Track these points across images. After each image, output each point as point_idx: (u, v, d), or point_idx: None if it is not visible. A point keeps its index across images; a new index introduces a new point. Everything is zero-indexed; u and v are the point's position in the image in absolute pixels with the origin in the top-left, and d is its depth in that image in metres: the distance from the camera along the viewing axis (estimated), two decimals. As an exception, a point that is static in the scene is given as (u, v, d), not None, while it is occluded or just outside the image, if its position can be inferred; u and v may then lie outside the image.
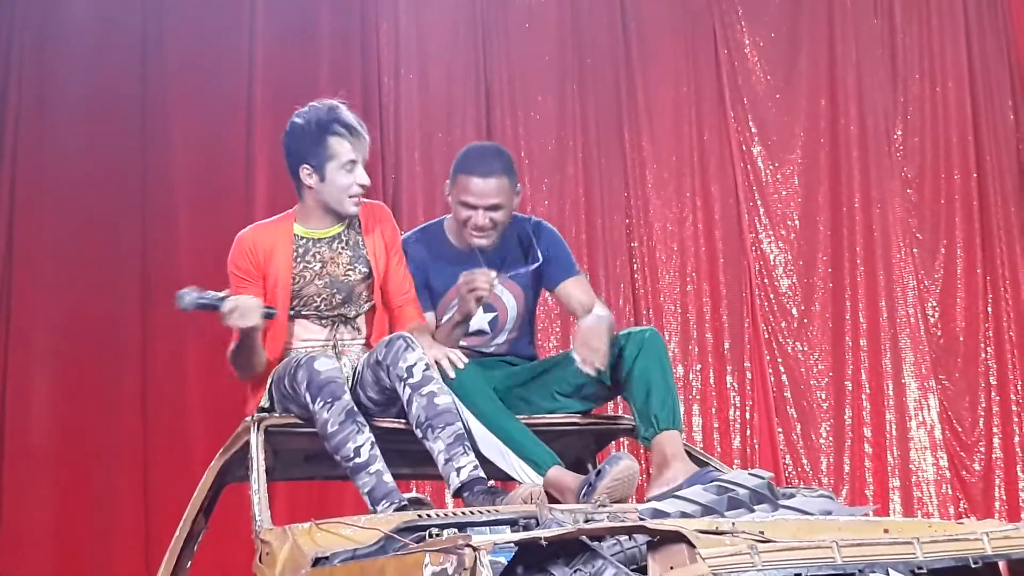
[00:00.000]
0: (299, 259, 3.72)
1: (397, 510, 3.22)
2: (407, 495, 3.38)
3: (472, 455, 3.36)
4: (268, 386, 3.66)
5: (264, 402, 3.68)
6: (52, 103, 6.43)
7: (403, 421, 3.53)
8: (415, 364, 3.42)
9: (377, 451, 3.37)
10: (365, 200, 3.77)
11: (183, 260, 6.41)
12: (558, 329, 6.69)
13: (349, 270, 3.75)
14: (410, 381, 3.41)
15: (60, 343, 6.23)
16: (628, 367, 3.64)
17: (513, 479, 3.57)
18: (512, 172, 3.88)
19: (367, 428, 3.39)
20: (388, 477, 3.35)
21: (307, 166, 3.69)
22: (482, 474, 3.32)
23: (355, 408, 3.40)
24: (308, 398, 3.41)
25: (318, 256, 3.73)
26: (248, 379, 3.73)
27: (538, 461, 3.51)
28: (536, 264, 3.91)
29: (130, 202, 6.43)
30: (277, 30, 6.74)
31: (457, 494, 3.34)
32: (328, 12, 6.85)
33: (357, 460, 3.34)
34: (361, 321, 3.79)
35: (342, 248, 3.76)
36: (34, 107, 6.42)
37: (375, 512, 3.28)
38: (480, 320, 3.92)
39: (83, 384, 6.21)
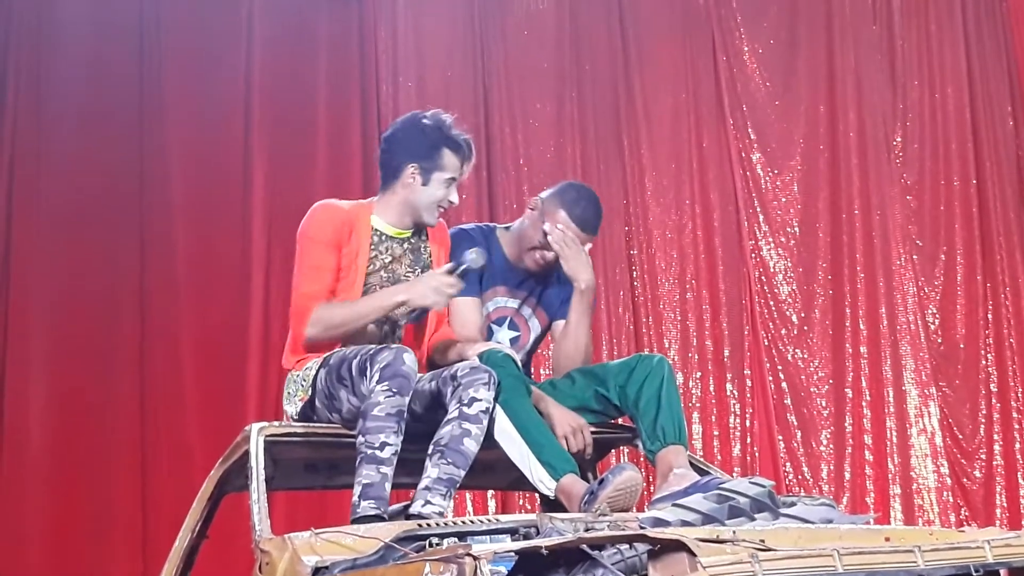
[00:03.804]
0: (373, 248, 3.76)
1: (374, 517, 3.23)
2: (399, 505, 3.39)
3: (449, 502, 3.37)
4: (312, 375, 3.63)
5: (301, 384, 3.67)
6: (49, 107, 6.43)
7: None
8: (480, 401, 3.43)
9: (395, 461, 3.37)
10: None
11: (180, 264, 6.42)
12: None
13: (409, 272, 3.80)
14: (464, 409, 3.42)
15: (57, 347, 6.22)
16: (637, 390, 3.69)
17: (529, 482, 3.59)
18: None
19: (402, 436, 3.39)
20: (389, 487, 3.35)
21: (416, 166, 3.77)
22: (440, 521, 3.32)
23: (405, 413, 3.40)
24: (375, 379, 3.37)
25: (389, 251, 3.79)
26: (320, 342, 3.70)
27: (555, 466, 3.51)
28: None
29: (127, 206, 6.43)
30: (275, 36, 6.74)
31: (408, 517, 3.32)
32: (326, 19, 6.86)
33: (377, 453, 3.33)
34: (401, 331, 3.83)
35: (408, 250, 3.82)
36: (31, 112, 6.42)
37: (355, 505, 3.29)
38: (503, 338, 3.98)
39: (80, 388, 6.20)
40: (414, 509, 3.31)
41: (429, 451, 3.40)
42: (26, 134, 6.40)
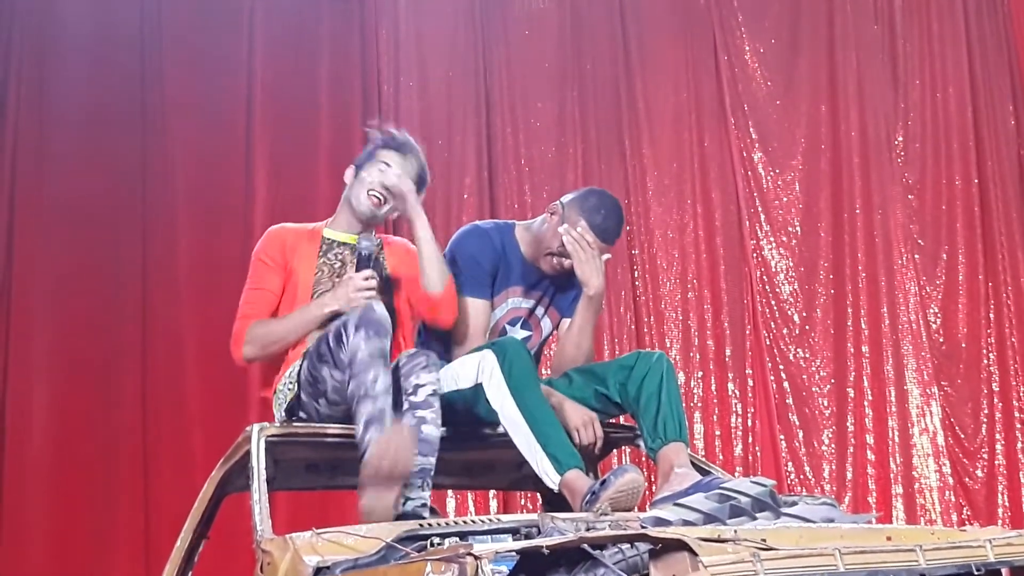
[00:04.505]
0: (321, 256, 3.82)
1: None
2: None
3: (427, 493, 3.37)
4: (296, 371, 3.67)
5: (287, 385, 3.70)
6: (52, 110, 6.43)
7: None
8: (424, 385, 3.44)
9: (390, 396, 3.37)
10: (394, 238, 3.99)
11: (182, 266, 6.43)
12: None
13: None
14: (412, 399, 3.43)
15: (60, 349, 6.22)
16: (637, 387, 3.69)
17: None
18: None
19: (390, 376, 3.40)
20: (389, 419, 3.32)
21: (353, 167, 3.90)
22: (426, 513, 3.31)
23: (388, 354, 3.42)
24: (350, 331, 3.40)
25: (339, 257, 3.83)
26: (259, 360, 3.81)
27: (560, 460, 3.51)
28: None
29: (130, 208, 6.43)
30: (276, 37, 6.75)
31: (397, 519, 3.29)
32: (327, 20, 6.86)
33: (370, 389, 3.32)
34: None
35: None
36: (33, 113, 6.42)
37: (361, 440, 3.26)
38: (516, 336, 3.97)
39: (83, 390, 6.20)
40: (396, 512, 3.27)
41: None
42: (28, 135, 6.40)
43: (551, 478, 3.50)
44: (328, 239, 3.85)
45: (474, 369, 3.60)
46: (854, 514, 3.49)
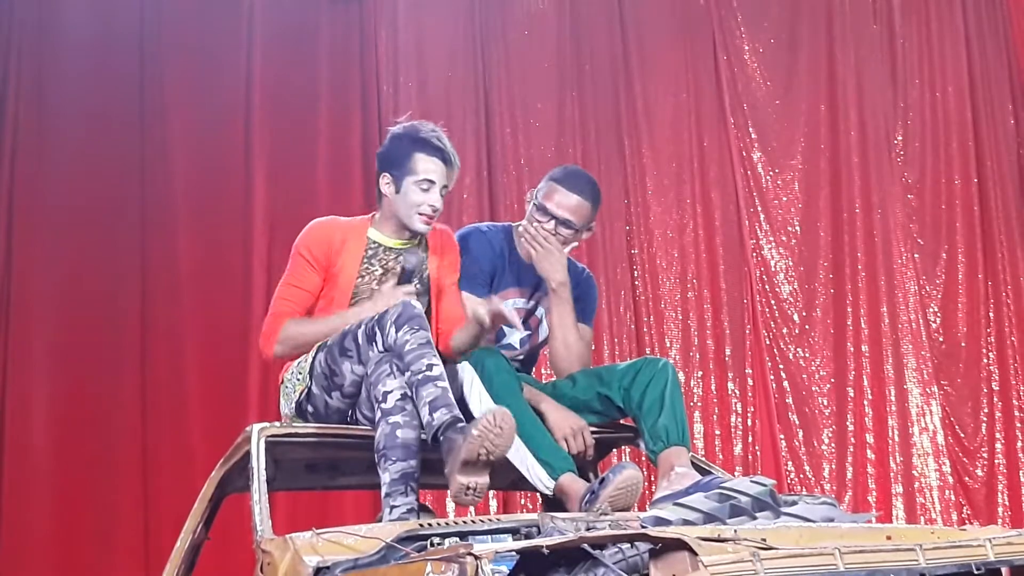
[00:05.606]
0: (366, 260, 3.79)
1: (451, 422, 3.26)
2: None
3: (412, 497, 3.32)
4: (308, 363, 3.67)
5: (296, 376, 3.71)
6: (52, 110, 6.43)
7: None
8: (392, 391, 3.41)
9: (446, 379, 3.40)
10: (437, 225, 3.87)
11: (182, 266, 6.42)
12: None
13: (406, 284, 3.78)
14: (383, 406, 3.40)
15: (59, 349, 6.22)
16: (641, 392, 3.70)
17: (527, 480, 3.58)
18: (596, 205, 3.97)
19: (441, 365, 3.43)
20: (452, 397, 3.36)
21: (388, 175, 3.79)
22: (412, 518, 3.27)
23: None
24: (392, 329, 3.42)
25: (383, 262, 3.80)
26: (286, 358, 3.79)
27: (552, 465, 3.51)
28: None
29: (129, 209, 6.42)
30: (275, 38, 6.74)
31: None
32: (327, 20, 6.85)
33: (428, 374, 3.36)
34: None
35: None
36: (33, 113, 6.42)
37: (429, 424, 3.28)
38: (515, 336, 3.98)
39: (83, 391, 6.19)
40: (385, 520, 3.27)
41: (375, 459, 3.38)
42: (28, 135, 6.39)
43: (545, 484, 3.50)
44: (375, 242, 3.80)
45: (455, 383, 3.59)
46: (854, 513, 3.49)
